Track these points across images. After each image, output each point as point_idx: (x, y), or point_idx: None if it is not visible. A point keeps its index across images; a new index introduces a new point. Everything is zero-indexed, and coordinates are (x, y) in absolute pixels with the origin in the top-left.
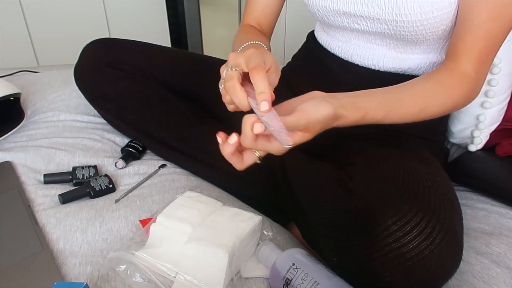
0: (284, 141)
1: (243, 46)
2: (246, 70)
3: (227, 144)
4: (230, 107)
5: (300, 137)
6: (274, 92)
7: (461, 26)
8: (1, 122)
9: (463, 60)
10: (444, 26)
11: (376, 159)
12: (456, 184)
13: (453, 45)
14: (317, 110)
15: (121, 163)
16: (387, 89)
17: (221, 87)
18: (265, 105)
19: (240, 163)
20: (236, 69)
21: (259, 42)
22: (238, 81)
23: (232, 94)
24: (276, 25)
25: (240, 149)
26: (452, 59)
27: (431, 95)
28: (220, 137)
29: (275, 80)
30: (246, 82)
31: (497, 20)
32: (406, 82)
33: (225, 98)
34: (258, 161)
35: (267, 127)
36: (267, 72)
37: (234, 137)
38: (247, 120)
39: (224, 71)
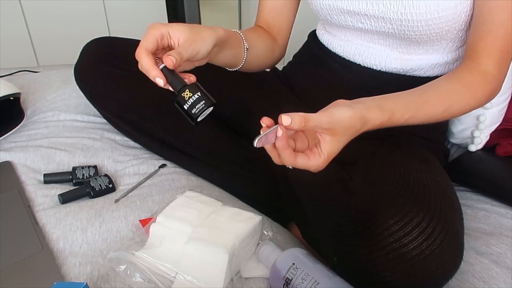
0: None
1: None
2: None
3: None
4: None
5: (329, 144)
6: (274, 91)
7: (481, 27)
8: (1, 122)
9: (485, 59)
10: (449, 27)
11: (377, 159)
12: (456, 184)
13: (473, 45)
14: (340, 111)
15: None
16: (411, 91)
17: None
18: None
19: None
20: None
21: (235, 30)
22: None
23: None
24: None
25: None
26: (472, 59)
27: (455, 95)
28: (264, 123)
29: (187, 51)
30: None
31: None
32: (427, 83)
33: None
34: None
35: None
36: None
37: (280, 131)
38: (279, 145)
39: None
